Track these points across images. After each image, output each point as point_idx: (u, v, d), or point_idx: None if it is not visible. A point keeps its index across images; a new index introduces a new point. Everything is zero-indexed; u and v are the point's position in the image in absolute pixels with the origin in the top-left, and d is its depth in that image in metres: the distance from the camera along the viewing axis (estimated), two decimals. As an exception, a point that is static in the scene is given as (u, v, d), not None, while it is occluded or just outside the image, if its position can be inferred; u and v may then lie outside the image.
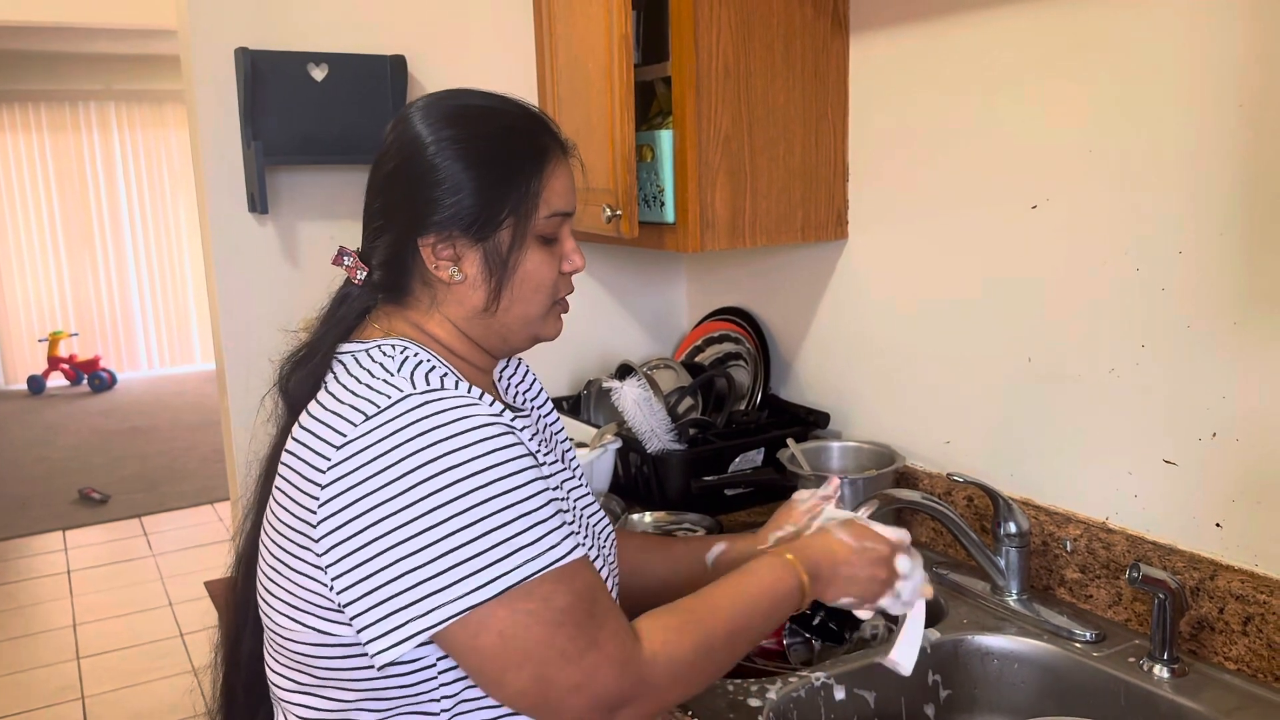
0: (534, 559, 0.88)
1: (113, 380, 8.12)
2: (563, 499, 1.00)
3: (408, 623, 0.87)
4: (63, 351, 8.03)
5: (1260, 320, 1.21)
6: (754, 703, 1.21)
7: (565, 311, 1.10)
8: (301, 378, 1.02)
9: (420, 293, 1.04)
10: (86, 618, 4.04)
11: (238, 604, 1.10)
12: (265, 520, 1.00)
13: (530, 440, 1.00)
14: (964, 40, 1.53)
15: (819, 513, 1.22)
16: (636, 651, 0.93)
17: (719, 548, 1.28)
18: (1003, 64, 1.48)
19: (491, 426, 0.91)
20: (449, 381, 0.95)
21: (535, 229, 1.02)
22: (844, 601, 1.12)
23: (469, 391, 0.94)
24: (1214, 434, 1.27)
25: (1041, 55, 1.42)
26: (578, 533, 0.99)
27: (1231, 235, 1.22)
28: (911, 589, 1.14)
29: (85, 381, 8.04)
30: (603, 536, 1.11)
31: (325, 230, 1.94)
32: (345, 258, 1.06)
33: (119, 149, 8.28)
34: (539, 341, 1.09)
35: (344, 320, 1.05)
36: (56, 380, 8.10)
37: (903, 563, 1.13)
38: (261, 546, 1.00)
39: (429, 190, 0.99)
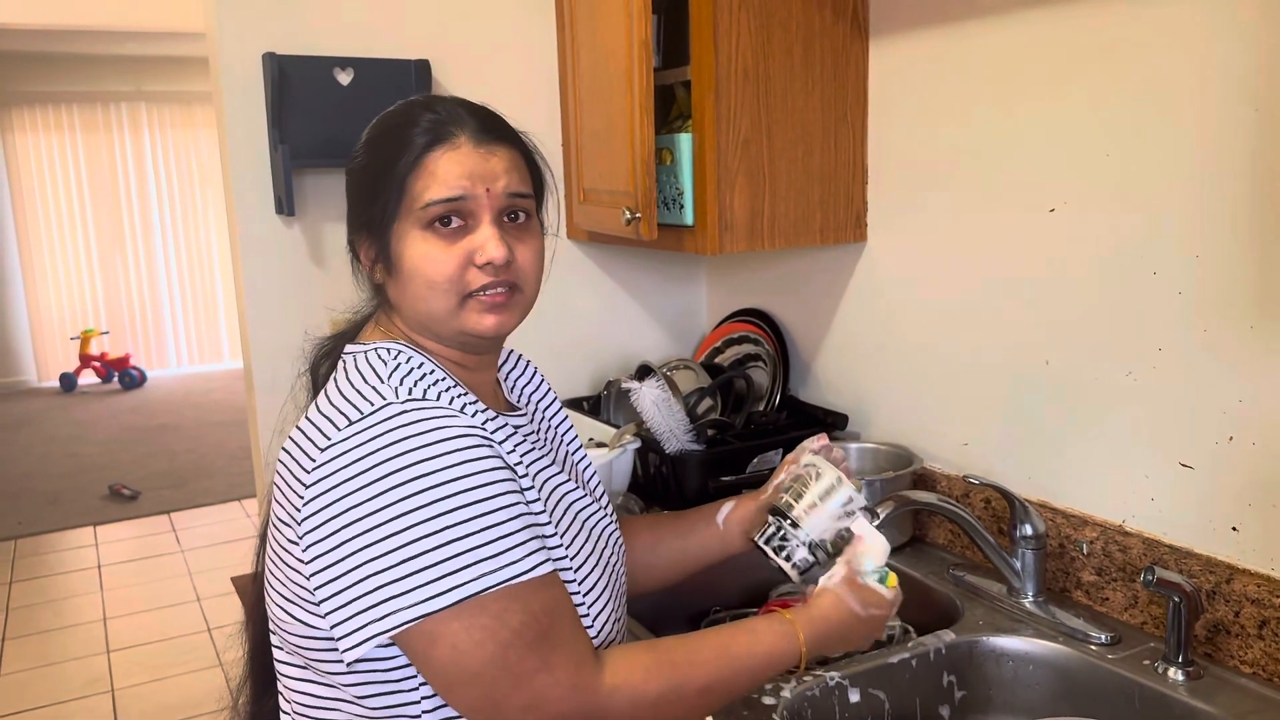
0: (493, 572, 0.89)
1: (143, 378, 8.23)
2: (540, 511, 1.00)
3: (368, 624, 0.89)
4: (94, 350, 8.15)
5: (1277, 324, 1.20)
6: (768, 700, 1.23)
7: (494, 303, 1.02)
8: (318, 377, 1.09)
9: (380, 293, 1.09)
10: (116, 612, 4.11)
11: (256, 591, 1.13)
12: (270, 510, 1.03)
13: (520, 444, 1.02)
14: (983, 44, 1.54)
15: (800, 460, 1.21)
16: (594, 679, 0.93)
17: (728, 506, 1.27)
18: (1021, 68, 1.48)
19: (466, 437, 0.93)
20: (432, 392, 0.97)
21: (413, 218, 1.00)
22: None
23: (450, 404, 0.96)
24: (1230, 438, 1.27)
25: (1059, 59, 1.42)
26: (556, 546, 1.00)
27: (1248, 239, 1.22)
28: None
29: (116, 379, 8.15)
30: (604, 540, 1.10)
31: None
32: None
33: (149, 149, 8.39)
34: (469, 336, 1.04)
35: (353, 323, 1.11)
36: (88, 378, 8.22)
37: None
38: (269, 535, 1.04)
39: (350, 195, 1.07)
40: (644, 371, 2.08)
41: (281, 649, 1.03)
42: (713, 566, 1.29)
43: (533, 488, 1.00)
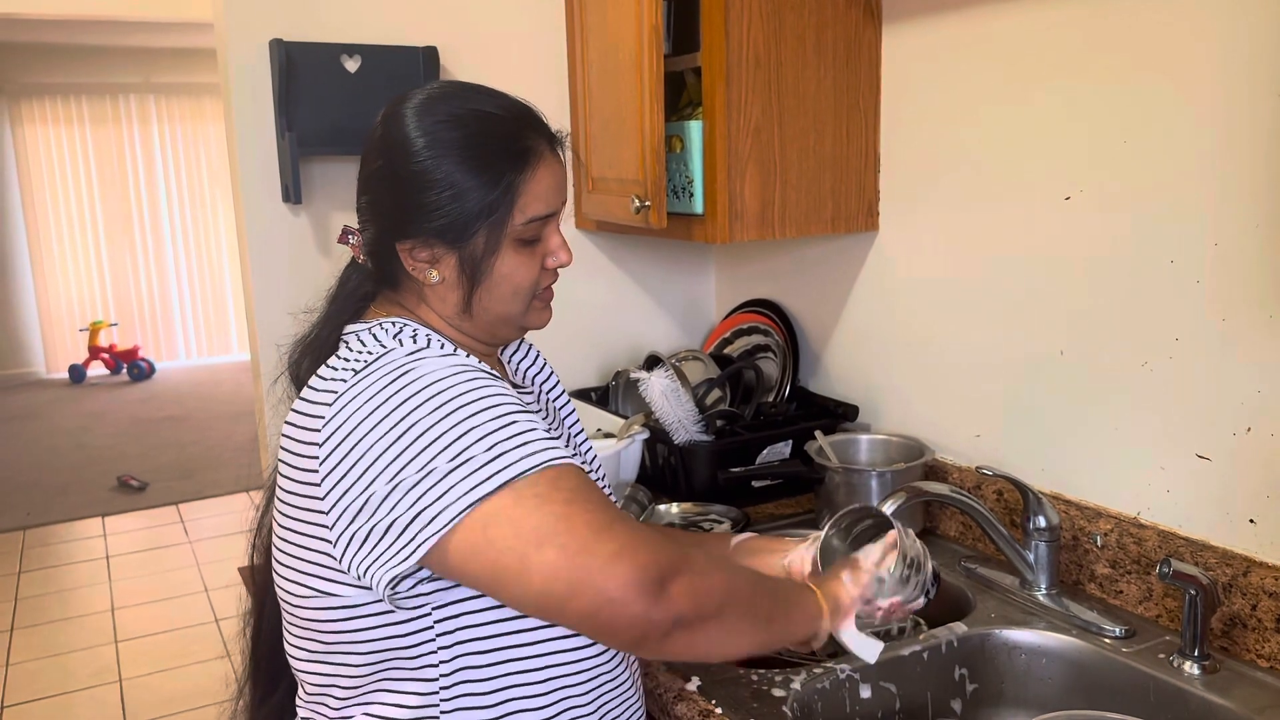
0: (531, 455, 0.89)
1: (151, 370, 8.25)
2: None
3: (418, 533, 0.87)
4: (103, 341, 8.17)
5: (1297, 313, 1.19)
6: (778, 693, 1.21)
7: (550, 300, 1.11)
8: (311, 362, 1.06)
9: (408, 286, 1.07)
10: (124, 602, 4.12)
11: (261, 580, 1.13)
12: (276, 494, 1.02)
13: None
14: (997, 30, 1.52)
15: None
16: (667, 534, 0.93)
17: (745, 536, 1.28)
18: (1036, 53, 1.46)
19: (474, 369, 0.94)
20: (436, 344, 0.98)
21: (511, 234, 1.02)
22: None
23: (454, 351, 0.98)
24: (1248, 429, 1.25)
25: (1076, 44, 1.40)
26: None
27: (1268, 228, 1.20)
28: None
29: (124, 371, 8.17)
30: None
31: (357, 220, 1.96)
32: (350, 236, 1.09)
33: (158, 141, 8.40)
34: (526, 331, 1.11)
35: (348, 303, 1.09)
36: (96, 369, 8.24)
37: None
38: (274, 518, 1.03)
39: (407, 196, 1.00)
40: (653, 362, 2.06)
41: (291, 631, 1.03)
42: None
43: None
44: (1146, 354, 1.36)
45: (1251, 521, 1.26)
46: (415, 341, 0.98)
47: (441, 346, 0.98)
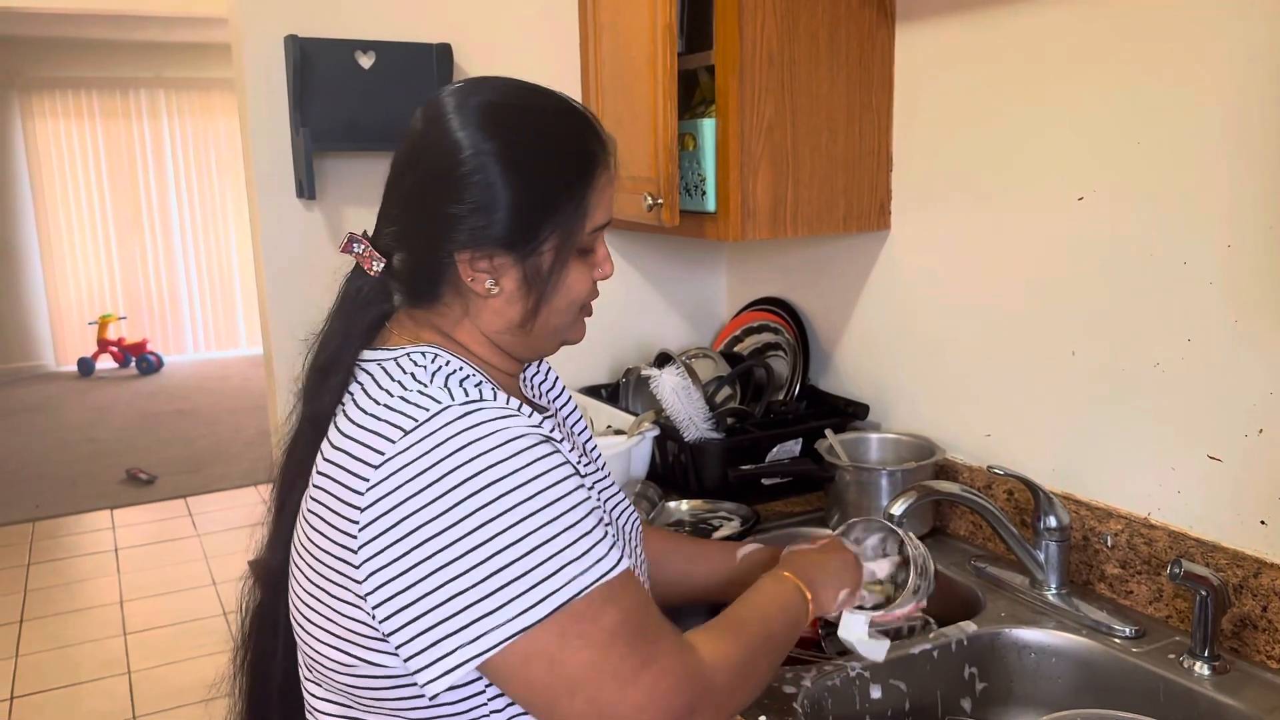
0: (581, 575, 0.84)
1: (160, 363, 8.27)
2: (599, 503, 0.97)
3: (458, 649, 0.83)
4: (111, 334, 8.19)
5: (1311, 315, 1.19)
6: (789, 689, 1.22)
7: (589, 315, 1.07)
8: (329, 388, 0.96)
9: (451, 301, 0.98)
10: (133, 595, 4.13)
11: (265, 622, 1.06)
12: (297, 542, 0.95)
13: (563, 442, 0.97)
14: (1011, 30, 1.52)
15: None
16: (695, 659, 0.90)
17: (751, 546, 1.30)
18: (1049, 54, 1.46)
19: (530, 436, 0.87)
20: (486, 391, 0.91)
21: (579, 245, 0.98)
22: (842, 597, 1.18)
23: (507, 403, 0.90)
24: (1260, 430, 1.25)
25: (1089, 45, 1.40)
26: (619, 543, 0.96)
27: (1282, 229, 1.20)
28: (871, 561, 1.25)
29: (133, 364, 8.20)
30: (628, 527, 1.09)
31: (371, 216, 1.93)
32: (356, 245, 1.00)
33: (168, 135, 8.42)
34: (561, 346, 1.07)
35: (362, 323, 0.99)
36: (105, 363, 8.27)
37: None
38: (294, 569, 0.96)
39: (467, 203, 0.93)
40: (663, 359, 2.07)
41: (320, 686, 0.96)
42: (716, 602, 1.28)
43: (586, 480, 0.96)
44: (1158, 355, 1.36)
45: (1262, 523, 1.26)
46: (465, 390, 0.90)
47: (495, 396, 0.91)
